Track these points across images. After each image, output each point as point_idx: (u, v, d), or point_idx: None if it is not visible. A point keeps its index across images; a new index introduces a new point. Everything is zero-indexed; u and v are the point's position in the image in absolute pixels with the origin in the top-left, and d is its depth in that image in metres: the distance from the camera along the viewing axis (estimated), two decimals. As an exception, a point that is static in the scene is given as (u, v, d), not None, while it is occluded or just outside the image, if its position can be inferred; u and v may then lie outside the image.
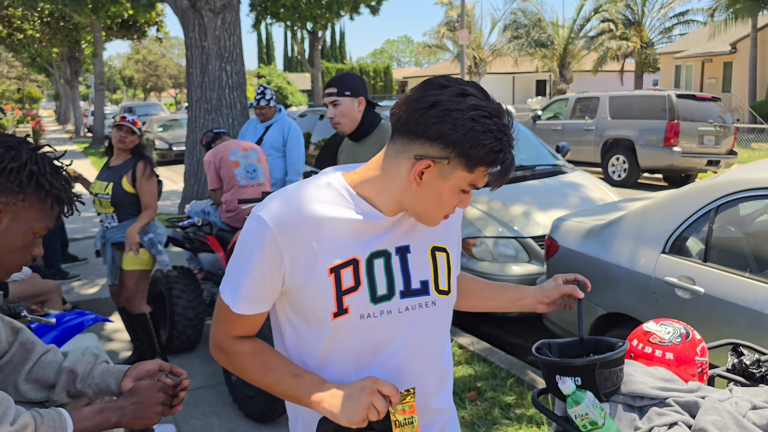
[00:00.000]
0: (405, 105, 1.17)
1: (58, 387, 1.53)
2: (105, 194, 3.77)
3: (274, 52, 65.62)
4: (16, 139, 1.39)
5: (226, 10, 6.86)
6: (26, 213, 1.37)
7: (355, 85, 2.78)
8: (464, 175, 1.16)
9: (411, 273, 1.29)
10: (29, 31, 27.68)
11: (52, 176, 1.38)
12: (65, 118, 42.18)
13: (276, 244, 1.20)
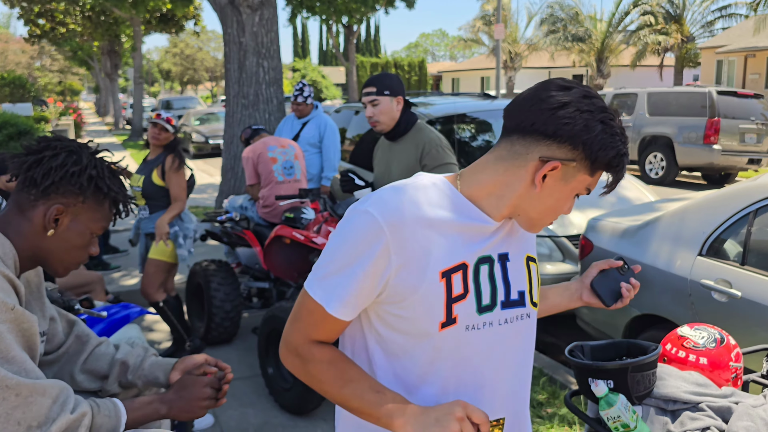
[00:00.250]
0: (527, 106, 1.12)
1: (110, 378, 1.62)
2: (137, 187, 3.94)
3: (309, 45, 65.98)
4: (77, 144, 1.47)
5: (264, 7, 6.96)
6: (85, 214, 1.45)
7: (394, 85, 2.82)
8: (585, 178, 1.13)
9: (511, 282, 1.22)
10: (71, 25, 28.35)
11: (110, 179, 1.46)
12: (105, 111, 43.14)
13: (386, 243, 1.11)
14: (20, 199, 1.42)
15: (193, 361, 1.62)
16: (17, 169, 1.42)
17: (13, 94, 25.02)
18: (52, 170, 1.40)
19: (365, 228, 1.12)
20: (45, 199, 1.41)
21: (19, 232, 1.40)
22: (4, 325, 1.24)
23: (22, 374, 1.25)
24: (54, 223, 1.42)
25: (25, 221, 1.41)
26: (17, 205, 1.42)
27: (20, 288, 1.34)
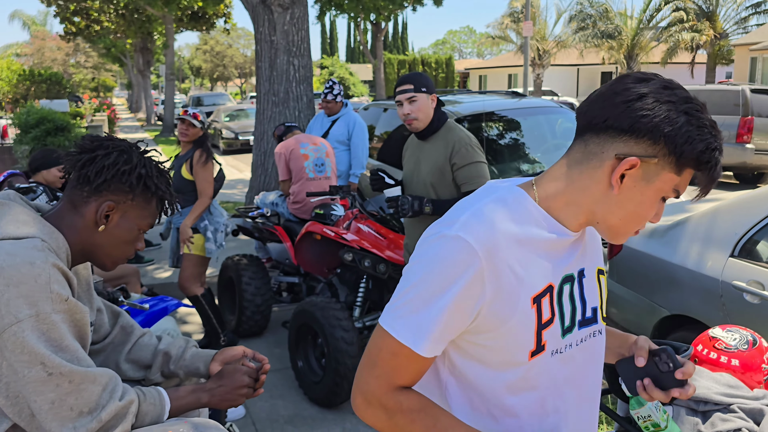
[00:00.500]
0: (600, 101, 1.03)
1: (153, 367, 1.69)
2: None
3: (337, 43, 66.18)
4: (127, 144, 1.53)
5: (295, 6, 7.03)
6: (134, 211, 1.52)
7: (429, 83, 2.85)
8: (671, 178, 1.01)
9: (586, 299, 1.15)
10: (105, 22, 28.89)
11: (158, 178, 1.53)
12: (137, 107, 43.86)
13: (481, 270, 1.01)
14: (73, 196, 1.48)
15: (232, 353, 1.68)
16: (71, 167, 1.48)
17: (50, 91, 25.60)
18: (105, 169, 1.46)
19: (457, 254, 1.01)
20: (97, 196, 1.48)
21: (72, 227, 1.47)
22: (58, 315, 1.30)
23: (75, 362, 1.32)
24: (104, 219, 1.48)
25: (78, 217, 1.48)
26: (70, 201, 1.49)
27: (73, 280, 1.40)
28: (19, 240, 1.34)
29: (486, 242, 1.02)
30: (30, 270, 1.28)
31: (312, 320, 3.44)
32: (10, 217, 1.38)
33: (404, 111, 2.85)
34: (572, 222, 1.10)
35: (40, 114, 11.06)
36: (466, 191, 2.84)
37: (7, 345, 1.24)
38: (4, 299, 1.24)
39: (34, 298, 1.27)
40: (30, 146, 10.76)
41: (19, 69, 29.23)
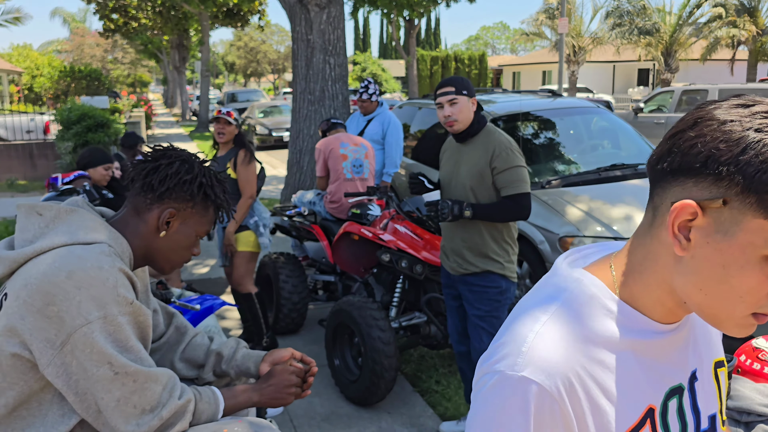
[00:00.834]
0: (663, 142, 0.79)
1: (206, 367, 1.75)
2: None
3: (370, 39, 66.25)
4: (188, 154, 1.60)
5: (332, 5, 7.09)
6: (193, 218, 1.58)
7: (470, 87, 2.87)
8: (761, 225, 0.70)
9: (700, 408, 0.89)
10: (143, 20, 29.43)
11: (216, 188, 1.59)
12: (172, 102, 44.60)
13: (562, 415, 0.77)
14: (137, 202, 1.56)
15: (281, 354, 1.74)
16: (136, 175, 1.55)
17: (89, 87, 26.22)
18: (168, 177, 1.53)
19: (527, 402, 0.77)
20: (159, 203, 1.54)
21: (135, 232, 1.54)
22: (124, 317, 1.37)
23: (138, 362, 1.38)
24: (166, 225, 1.55)
25: (141, 222, 1.55)
26: (134, 207, 1.56)
27: (137, 283, 1.47)
28: (89, 245, 1.41)
29: (561, 377, 0.77)
30: (99, 274, 1.34)
31: (349, 319, 3.49)
32: (80, 223, 1.45)
33: (445, 113, 2.87)
34: (659, 311, 0.83)
35: (81, 111, 11.34)
36: (505, 195, 2.85)
37: (77, 345, 1.31)
38: (75, 301, 1.31)
39: (102, 300, 1.33)
40: (72, 142, 11.05)
41: (60, 66, 29.98)
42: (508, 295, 2.99)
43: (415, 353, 4.21)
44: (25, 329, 1.32)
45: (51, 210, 1.46)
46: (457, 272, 3.02)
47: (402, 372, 3.95)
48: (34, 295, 1.32)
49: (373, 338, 3.34)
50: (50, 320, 1.31)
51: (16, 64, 37.46)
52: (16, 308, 1.33)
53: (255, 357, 1.76)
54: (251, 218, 4.14)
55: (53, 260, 1.36)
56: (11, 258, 1.40)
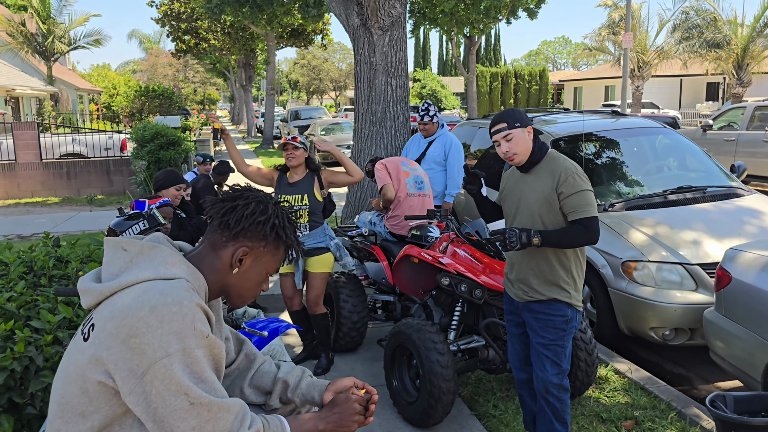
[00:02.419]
0: None
1: (273, 394, 1.83)
2: (303, 205, 4.17)
3: (430, 56, 66.57)
4: (264, 195, 1.70)
5: (394, 27, 7.23)
6: (265, 257, 1.68)
7: (522, 117, 2.89)
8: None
9: None
10: (212, 40, 30.62)
11: (288, 229, 1.69)
12: (239, 119, 45.98)
13: None
14: (214, 239, 1.66)
15: (344, 384, 1.80)
16: (215, 213, 1.66)
17: (161, 106, 27.37)
18: (244, 218, 1.63)
19: None
20: (234, 242, 1.64)
21: (211, 267, 1.64)
22: (200, 350, 1.46)
23: (213, 393, 1.46)
24: (239, 262, 1.65)
25: (217, 259, 1.64)
26: (211, 243, 1.66)
27: (212, 318, 1.56)
28: (170, 280, 1.51)
29: None
30: (179, 309, 1.44)
31: (408, 342, 3.54)
32: (162, 259, 1.56)
33: (502, 149, 2.90)
34: None
35: (155, 129, 11.90)
36: (573, 220, 2.84)
37: (157, 375, 1.40)
38: (158, 334, 1.41)
39: (181, 334, 1.43)
40: (145, 160, 11.60)
41: (135, 85, 31.43)
42: (573, 323, 2.97)
43: (472, 376, 4.22)
44: (110, 359, 1.42)
45: (135, 246, 1.58)
46: (522, 299, 3.01)
47: (459, 395, 3.97)
48: (119, 327, 1.42)
49: (432, 361, 3.38)
50: (133, 351, 1.40)
51: (95, 84, 39.49)
52: (102, 339, 1.44)
53: (320, 386, 1.83)
54: (332, 240, 4.27)
55: (137, 294, 1.46)
56: (98, 290, 1.52)
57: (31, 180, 13.47)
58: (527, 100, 43.33)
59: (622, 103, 18.72)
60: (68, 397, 1.48)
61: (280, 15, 21.44)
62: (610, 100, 35.40)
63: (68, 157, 14.57)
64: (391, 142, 7.43)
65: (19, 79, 24.12)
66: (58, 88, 27.81)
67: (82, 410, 1.47)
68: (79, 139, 14.76)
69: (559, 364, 2.93)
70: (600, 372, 4.17)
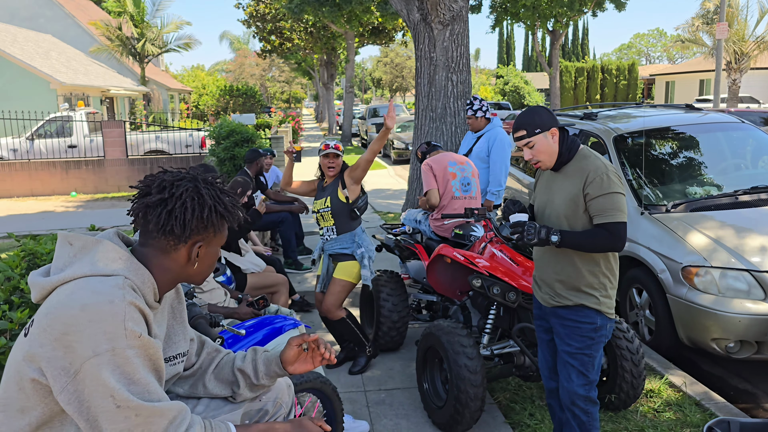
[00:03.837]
0: None
1: (241, 385, 1.82)
2: (325, 207, 4.11)
3: (515, 51, 65.23)
4: (189, 180, 1.61)
5: (455, 22, 7.07)
6: (216, 239, 1.67)
7: (543, 119, 2.71)
8: None
9: None
10: (296, 40, 31.30)
11: (226, 202, 1.64)
12: (321, 117, 46.87)
13: None
14: (159, 244, 1.60)
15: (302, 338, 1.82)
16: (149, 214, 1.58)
17: (245, 104, 28.30)
18: (188, 222, 1.57)
19: None
20: (185, 243, 1.61)
21: (162, 267, 1.61)
22: (132, 350, 1.42)
23: (145, 395, 1.43)
24: (197, 257, 1.63)
25: (168, 260, 1.61)
26: (156, 247, 1.60)
27: (150, 316, 1.52)
28: (106, 277, 1.48)
29: None
30: (110, 308, 1.41)
31: (437, 344, 3.43)
32: (102, 254, 1.53)
33: (526, 156, 2.76)
34: None
35: (230, 127, 12.27)
36: (598, 223, 2.65)
37: (87, 375, 1.38)
38: (86, 334, 1.38)
39: (112, 334, 1.39)
40: (221, 156, 11.99)
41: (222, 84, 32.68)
42: (603, 332, 2.77)
43: (512, 382, 4.05)
44: (43, 356, 1.41)
45: (80, 240, 1.56)
46: (548, 304, 2.85)
47: (496, 400, 3.81)
48: (52, 324, 1.40)
49: (460, 365, 3.26)
50: (65, 349, 1.39)
51: (186, 84, 41.37)
52: (36, 335, 1.43)
53: (274, 357, 1.84)
54: (359, 248, 4.15)
55: (72, 291, 1.44)
56: (41, 285, 1.52)
57: (117, 175, 14.24)
58: (614, 96, 41.55)
59: (715, 98, 17.61)
60: (8, 392, 1.49)
61: (360, 13, 21.59)
62: (705, 94, 33.39)
63: (152, 153, 15.30)
64: (451, 139, 7.28)
65: (114, 80, 25.62)
66: (150, 88, 29.32)
67: (21, 406, 1.47)
68: (163, 137, 15.46)
69: (587, 375, 2.74)
70: (651, 385, 3.89)
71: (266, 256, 5.29)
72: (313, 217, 4.12)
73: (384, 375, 4.21)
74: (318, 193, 4.28)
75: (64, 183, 14.16)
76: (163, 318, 1.71)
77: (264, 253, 5.38)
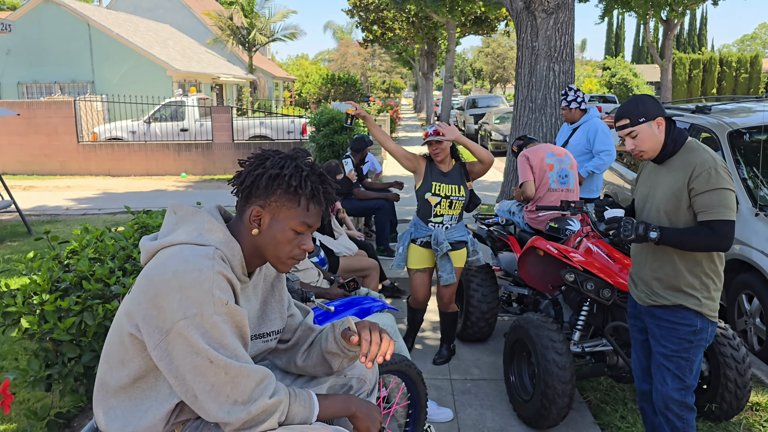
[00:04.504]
0: None
1: (334, 365, 1.86)
2: (460, 196, 3.95)
3: (624, 42, 62.25)
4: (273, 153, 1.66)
5: (560, 10, 6.86)
6: (281, 212, 1.63)
7: (648, 108, 2.58)
8: None
9: None
10: (398, 30, 31.46)
11: (297, 178, 1.61)
12: (420, 107, 46.90)
13: None
14: (238, 206, 1.68)
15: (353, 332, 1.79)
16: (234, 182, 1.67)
17: (346, 93, 28.82)
18: (246, 177, 1.62)
19: None
20: (247, 204, 1.65)
21: (239, 234, 1.67)
22: (219, 317, 1.49)
23: (233, 359, 1.50)
24: (257, 223, 1.64)
25: (241, 224, 1.67)
26: (238, 211, 1.68)
27: (237, 286, 1.59)
28: (198, 247, 1.56)
29: None
30: (197, 276, 1.48)
31: (526, 337, 3.38)
32: (198, 225, 1.62)
33: (628, 147, 2.63)
34: None
35: (330, 114, 12.55)
36: (702, 221, 2.50)
37: (177, 336, 1.47)
38: (176, 298, 1.47)
39: (199, 300, 1.47)
40: (320, 142, 12.30)
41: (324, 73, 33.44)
42: (703, 336, 2.61)
43: (604, 382, 3.92)
44: (139, 314, 1.52)
45: (182, 210, 1.66)
46: (644, 302, 2.74)
47: (585, 399, 3.71)
48: (148, 285, 1.51)
49: (548, 360, 3.19)
50: (158, 310, 1.48)
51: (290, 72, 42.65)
52: (136, 294, 1.54)
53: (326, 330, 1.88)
54: (468, 234, 4.09)
55: (168, 257, 1.54)
56: (147, 248, 1.63)
57: (224, 159, 14.94)
58: (733, 90, 38.75)
59: None
60: (111, 345, 1.62)
61: (462, 3, 21.40)
62: (840, 90, 30.48)
63: (256, 138, 15.92)
64: (550, 131, 7.09)
65: (224, 68, 26.83)
66: (256, 76, 30.47)
67: (121, 358, 1.59)
68: (267, 123, 16.05)
69: (683, 379, 2.61)
70: (757, 397, 3.65)
71: (359, 240, 5.39)
72: (431, 200, 4.05)
73: (470, 365, 4.19)
74: (438, 177, 4.00)
75: (175, 164, 15.03)
76: (255, 294, 1.76)
77: (357, 238, 5.48)
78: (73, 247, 3.06)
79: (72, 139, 15.03)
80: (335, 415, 1.68)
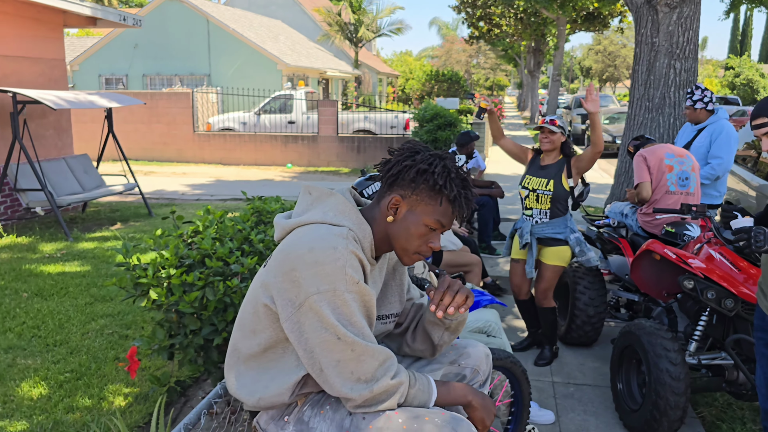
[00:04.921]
0: None
1: (435, 337, 1.89)
2: (546, 190, 3.90)
3: (751, 40, 57.93)
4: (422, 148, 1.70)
5: (684, 4, 6.49)
6: (419, 206, 1.66)
7: None
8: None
9: None
10: (504, 26, 30.95)
11: (444, 178, 1.64)
12: (524, 105, 45.97)
13: None
14: (379, 192, 1.73)
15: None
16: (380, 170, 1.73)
17: (449, 89, 28.72)
18: (393, 166, 1.66)
19: None
20: (389, 191, 1.69)
21: (373, 218, 1.71)
22: (350, 294, 1.54)
23: (360, 337, 1.54)
24: (393, 211, 1.67)
25: (377, 209, 1.71)
26: (377, 196, 1.74)
27: (367, 267, 1.63)
28: (333, 227, 1.62)
29: None
30: (332, 254, 1.53)
31: (637, 344, 3.24)
32: (333, 206, 1.68)
33: (764, 147, 2.44)
34: None
35: (434, 111, 12.56)
36: None
37: (309, 309, 1.53)
38: (311, 273, 1.53)
39: (332, 277, 1.52)
40: (424, 138, 12.34)
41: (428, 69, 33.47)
42: None
43: (720, 398, 3.69)
44: (274, 286, 1.59)
45: (317, 191, 1.74)
46: None
47: (699, 414, 3.51)
48: (284, 260, 1.57)
49: (661, 370, 3.05)
50: (293, 283, 1.54)
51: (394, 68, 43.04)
52: (272, 267, 1.62)
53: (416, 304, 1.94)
54: (573, 233, 3.97)
55: (303, 234, 1.60)
56: (282, 225, 1.71)
57: (328, 151, 15.33)
58: None
59: None
60: (245, 314, 1.71)
61: (574, -2, 20.74)
62: None
63: (360, 133, 16.21)
64: (667, 132, 6.74)
65: (330, 63, 27.49)
66: (361, 71, 31.00)
67: (254, 327, 1.68)
68: (371, 117, 16.30)
69: (815, 400, 2.41)
70: None
71: (462, 236, 5.37)
72: (521, 192, 4.02)
73: (574, 369, 4.08)
74: (534, 170, 4.03)
75: (282, 155, 15.59)
76: (380, 277, 1.81)
77: (461, 234, 5.46)
78: (195, 227, 3.25)
79: (188, 129, 15.94)
80: (452, 403, 1.69)
